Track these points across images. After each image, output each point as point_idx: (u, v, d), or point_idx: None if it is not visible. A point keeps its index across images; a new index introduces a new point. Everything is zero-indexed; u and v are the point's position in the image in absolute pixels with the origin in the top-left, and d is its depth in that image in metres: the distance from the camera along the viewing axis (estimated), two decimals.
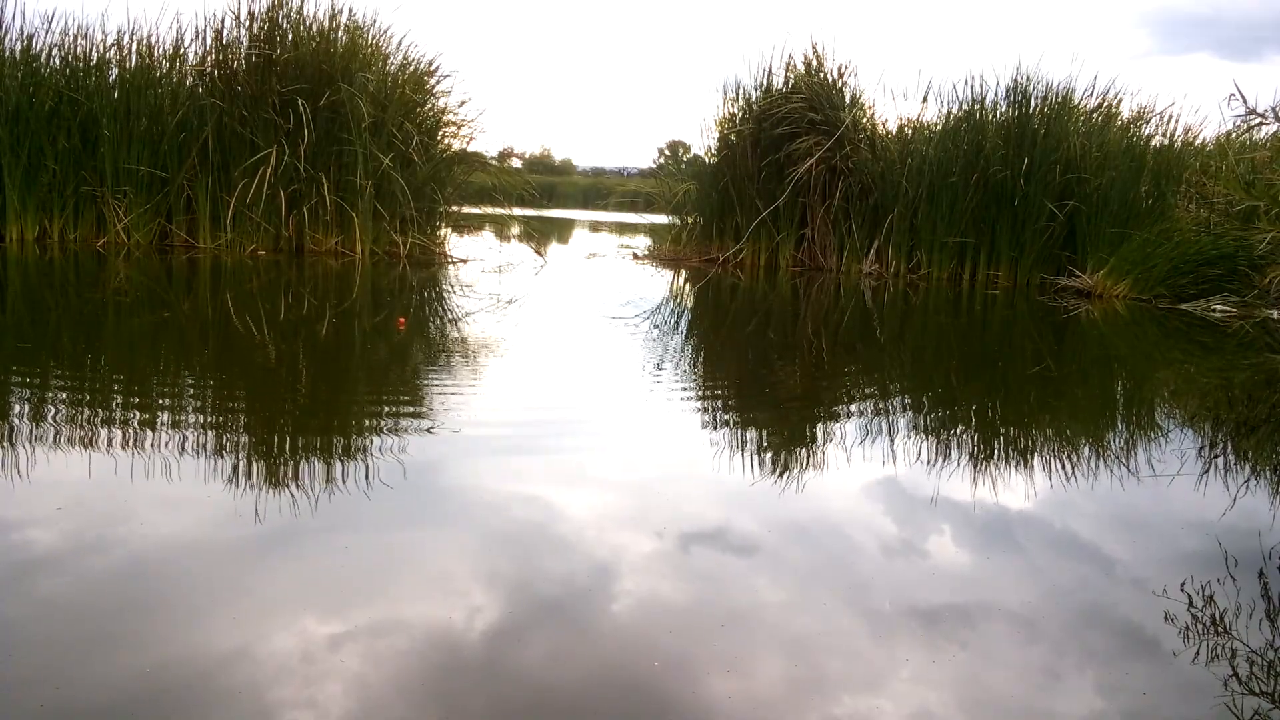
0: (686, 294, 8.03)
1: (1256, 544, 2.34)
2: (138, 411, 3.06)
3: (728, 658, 1.62)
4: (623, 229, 17.85)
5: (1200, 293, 7.54)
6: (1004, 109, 9.16)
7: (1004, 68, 18.64)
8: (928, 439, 3.27)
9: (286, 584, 1.84)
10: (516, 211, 10.71)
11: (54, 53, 7.99)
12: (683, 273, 9.52)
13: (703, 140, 11.06)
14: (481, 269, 8.48)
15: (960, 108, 9.37)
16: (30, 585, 1.76)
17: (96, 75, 8.00)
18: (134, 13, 20.44)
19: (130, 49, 8.10)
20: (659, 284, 8.51)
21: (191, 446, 2.64)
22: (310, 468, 2.54)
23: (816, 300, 7.79)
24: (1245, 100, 5.58)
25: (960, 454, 3.10)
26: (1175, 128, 9.07)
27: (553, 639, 1.66)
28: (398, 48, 8.80)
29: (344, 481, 2.41)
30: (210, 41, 8.18)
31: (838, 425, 3.46)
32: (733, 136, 9.92)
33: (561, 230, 16.93)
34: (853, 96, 9.82)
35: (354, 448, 2.78)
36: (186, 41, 8.27)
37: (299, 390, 3.57)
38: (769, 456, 2.97)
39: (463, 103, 9.32)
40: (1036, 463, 3.09)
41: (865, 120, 9.75)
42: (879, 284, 8.83)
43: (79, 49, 8.00)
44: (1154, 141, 8.96)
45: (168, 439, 2.70)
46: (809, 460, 2.95)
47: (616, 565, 1.99)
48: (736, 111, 10.01)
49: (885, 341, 5.84)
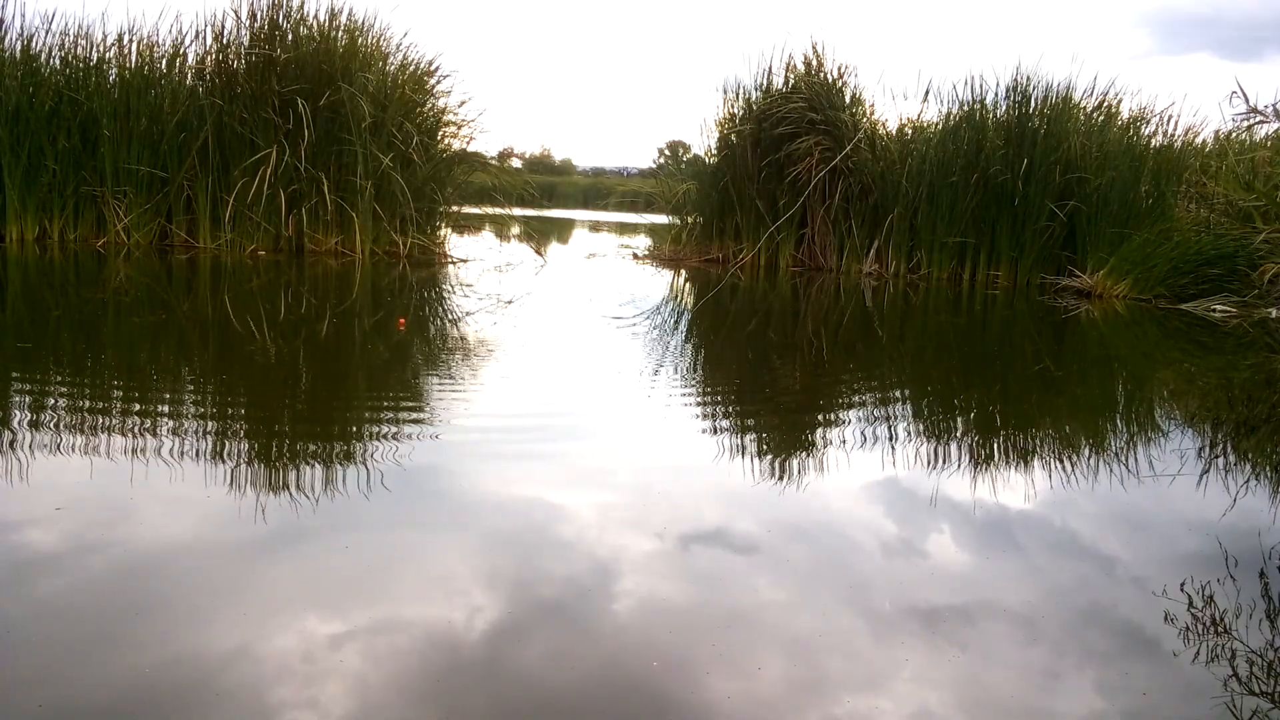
0: (686, 294, 8.04)
1: (1256, 544, 2.34)
2: (138, 412, 3.06)
3: (728, 658, 1.62)
4: (623, 229, 17.85)
5: (1200, 293, 7.54)
6: (1004, 109, 9.16)
7: (1004, 68, 18.62)
8: (928, 439, 3.27)
9: (287, 584, 1.84)
10: (516, 211, 10.71)
11: (54, 53, 8.00)
12: (683, 273, 9.52)
13: (703, 140, 11.08)
14: (481, 269, 8.48)
15: (960, 108, 9.37)
16: (30, 585, 1.76)
17: (96, 75, 8.00)
18: (134, 13, 20.44)
19: (130, 49, 8.11)
20: (659, 284, 8.51)
21: (191, 446, 2.64)
22: (310, 468, 2.54)
23: (816, 300, 7.79)
24: (1246, 98, 5.58)
25: (960, 454, 3.10)
26: (1175, 128, 9.07)
27: (553, 639, 1.66)
28: (398, 48, 8.81)
29: (344, 481, 2.41)
30: (210, 41, 8.20)
31: (838, 425, 3.46)
32: (733, 136, 9.93)
33: (561, 230, 16.93)
34: (853, 96, 9.82)
35: (354, 448, 2.78)
36: (186, 41, 8.29)
37: (299, 390, 3.57)
38: (769, 456, 2.97)
39: (463, 103, 9.34)
40: (1036, 463, 3.09)
41: (865, 120, 9.75)
42: (879, 284, 8.83)
43: (79, 49, 8.01)
44: (1154, 141, 8.96)
45: (167, 439, 2.70)
46: (809, 460, 2.95)
47: (617, 565, 1.99)
48: (736, 111, 10.01)
49: (885, 342, 5.84)
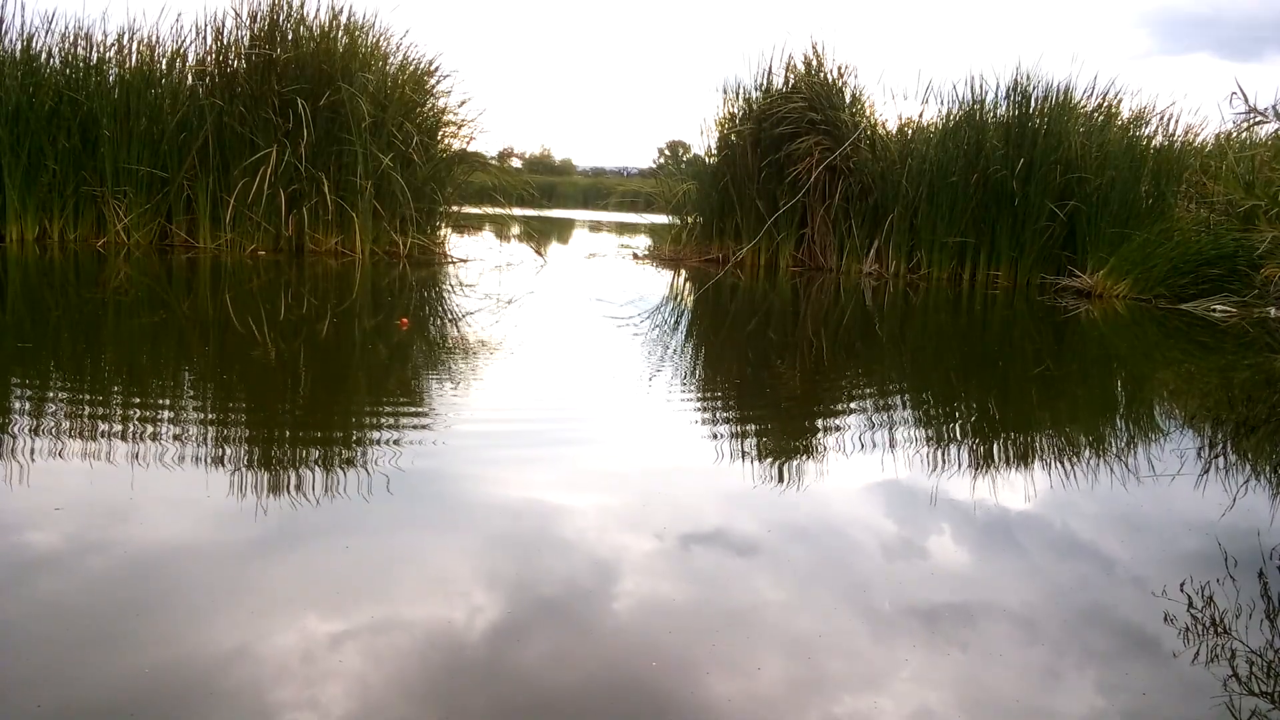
0: (686, 294, 8.03)
1: (1256, 544, 2.34)
2: (138, 412, 3.06)
3: (728, 658, 1.62)
4: (623, 229, 17.84)
5: (1200, 293, 7.54)
6: (1004, 109, 9.16)
7: (1004, 68, 18.62)
8: (928, 439, 3.27)
9: (287, 584, 1.84)
10: (516, 211, 10.71)
11: (54, 53, 8.00)
12: (683, 273, 9.52)
13: (703, 140, 11.04)
14: (481, 269, 8.48)
15: (960, 108, 9.37)
16: (30, 586, 1.76)
17: (96, 75, 8.00)
18: (134, 13, 20.44)
19: (130, 49, 8.10)
20: (659, 284, 8.51)
21: (191, 447, 2.64)
22: (311, 468, 2.54)
23: (816, 300, 7.79)
24: (1246, 98, 5.57)
25: (960, 454, 3.10)
26: (1175, 128, 9.08)
27: (553, 639, 1.66)
28: (397, 48, 8.81)
29: (344, 481, 2.41)
30: (210, 41, 8.19)
31: (838, 426, 3.46)
32: (733, 136, 9.93)
33: (561, 230, 16.93)
34: (853, 96, 9.82)
35: (354, 448, 2.78)
36: (187, 41, 8.29)
37: (299, 391, 3.57)
38: (769, 457, 2.97)
39: (463, 103, 9.33)
40: (1036, 463, 3.09)
41: (865, 120, 9.75)
42: (879, 284, 8.83)
43: (79, 49, 8.01)
44: (1154, 141, 8.96)
45: (168, 440, 2.70)
46: (809, 460, 2.95)
47: (617, 565, 1.99)
48: (736, 111, 10.01)
49: (885, 342, 5.84)
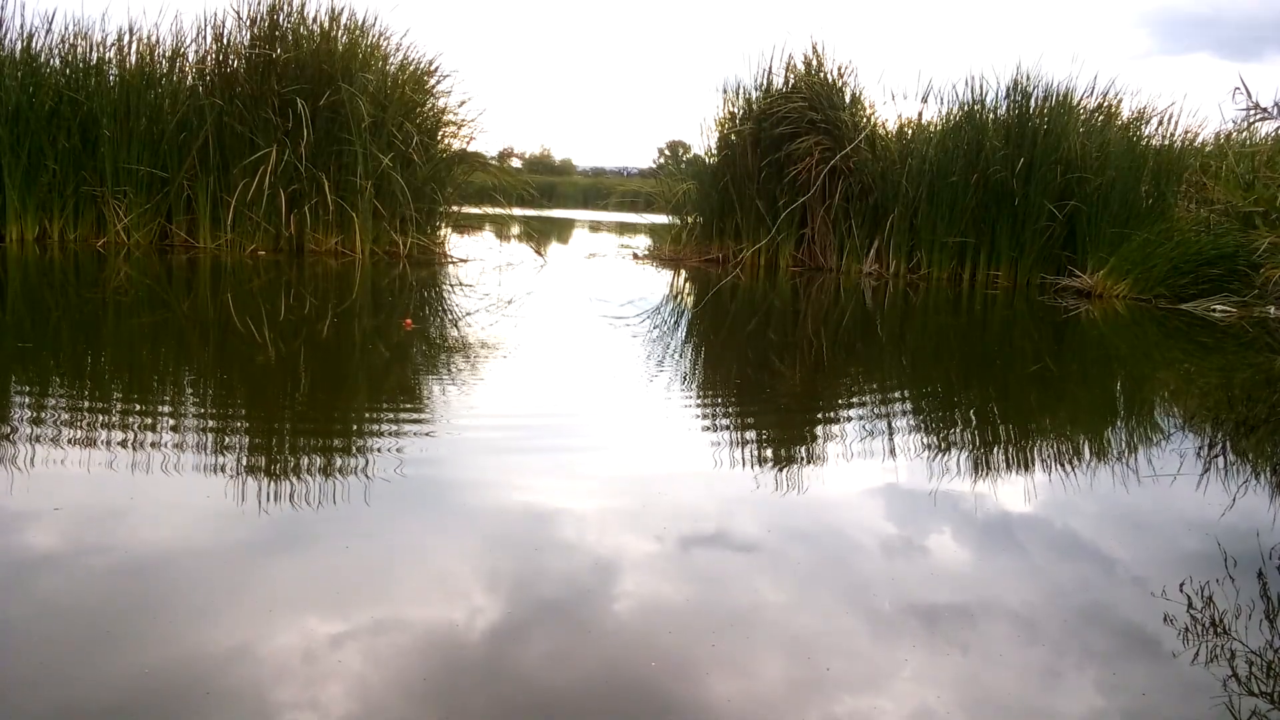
0: (686, 294, 8.03)
1: (1256, 544, 2.34)
2: (138, 412, 3.06)
3: (728, 658, 1.62)
4: (623, 229, 17.84)
5: (1200, 293, 7.54)
6: (1004, 109, 9.16)
7: (1004, 68, 18.61)
8: (928, 439, 3.27)
9: (288, 584, 1.84)
10: (516, 211, 10.71)
11: (54, 53, 8.00)
12: (683, 273, 9.52)
13: (703, 140, 11.05)
14: (481, 269, 8.48)
15: (960, 108, 9.37)
16: (29, 585, 1.76)
17: (96, 75, 8.00)
18: (134, 13, 20.44)
19: (130, 49, 8.10)
20: (659, 284, 8.51)
21: (191, 447, 2.64)
22: (311, 468, 2.54)
23: (816, 300, 7.79)
24: (1249, 94, 5.54)
25: (961, 454, 3.10)
26: (1175, 128, 9.07)
27: (553, 639, 1.66)
28: (397, 48, 8.82)
29: (345, 482, 2.41)
30: (210, 41, 8.20)
31: (838, 425, 3.46)
32: (733, 136, 9.92)
33: (561, 230, 16.93)
34: (853, 96, 9.82)
35: (354, 448, 2.78)
36: (186, 41, 8.29)
37: (299, 391, 3.57)
38: (769, 457, 2.97)
39: (463, 103, 9.33)
40: (1036, 463, 3.09)
41: (865, 120, 9.75)
42: (879, 284, 8.83)
43: (79, 49, 8.01)
44: (1154, 141, 8.96)
45: (167, 440, 2.70)
46: (809, 461, 2.95)
47: (617, 565, 1.99)
48: (736, 111, 10.01)
49: (885, 342, 5.84)
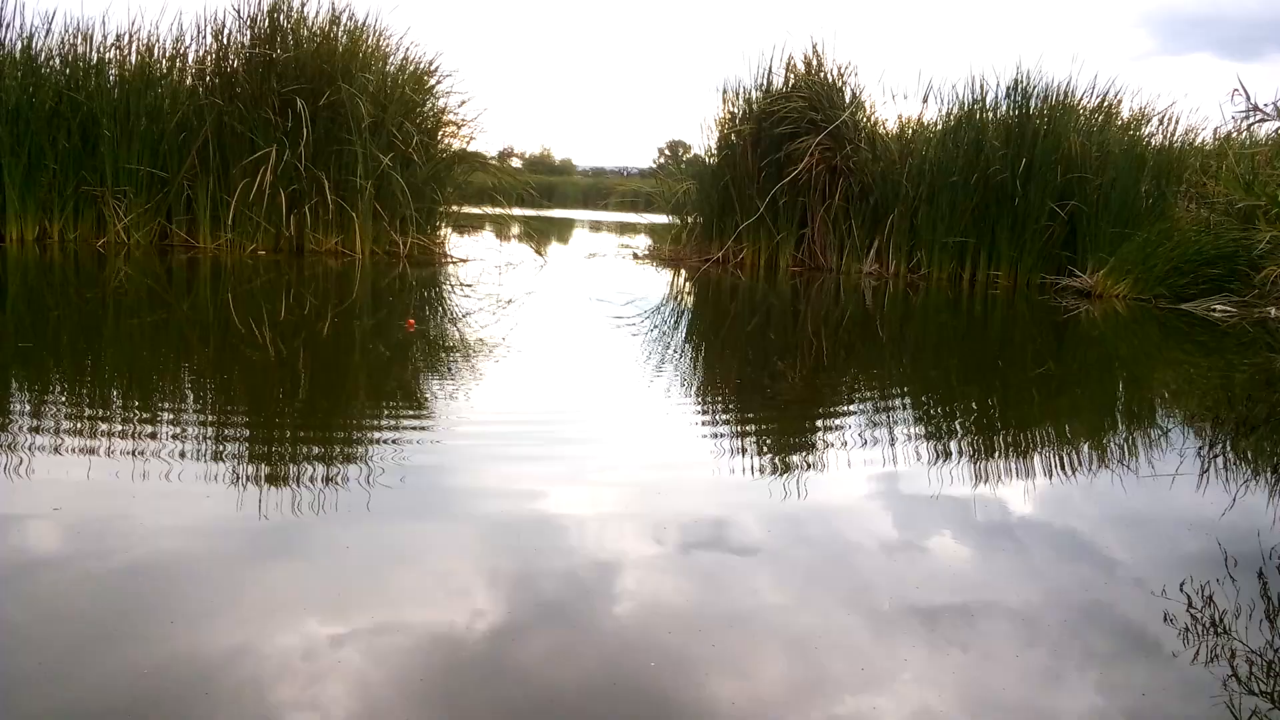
0: (686, 294, 8.03)
1: (1256, 544, 2.34)
2: (138, 412, 3.06)
3: (728, 658, 1.62)
4: (623, 229, 17.84)
5: (1200, 293, 7.54)
6: (1004, 109, 9.16)
7: (1004, 68, 18.65)
8: (928, 439, 3.27)
9: (288, 584, 1.84)
10: (516, 211, 10.71)
11: (54, 53, 7.99)
12: (683, 272, 9.52)
13: (703, 140, 11.07)
14: (482, 269, 8.48)
15: (960, 108, 9.38)
16: (28, 585, 1.76)
17: (96, 75, 8.00)
18: (134, 13, 20.44)
19: (130, 49, 8.11)
20: (659, 284, 8.51)
21: (191, 447, 2.64)
22: (311, 468, 2.54)
23: (816, 300, 7.79)
24: (1248, 95, 5.54)
25: (961, 454, 3.10)
26: (1175, 128, 9.08)
27: (554, 639, 1.66)
28: (398, 48, 8.81)
29: (345, 482, 2.41)
30: (210, 41, 8.20)
31: (838, 425, 3.46)
32: (733, 136, 9.92)
33: (561, 230, 16.93)
34: (853, 96, 9.82)
35: (355, 448, 2.78)
36: (186, 41, 8.29)
37: (300, 391, 3.57)
38: (769, 456, 2.97)
39: (463, 103, 9.33)
40: (1037, 463, 3.09)
41: (865, 120, 9.75)
42: (879, 284, 8.83)
43: (79, 49, 8.01)
44: (1154, 141, 8.96)
45: (167, 440, 2.70)
46: (809, 460, 2.95)
47: (618, 565, 1.99)
48: (736, 111, 10.01)
49: (886, 342, 5.84)
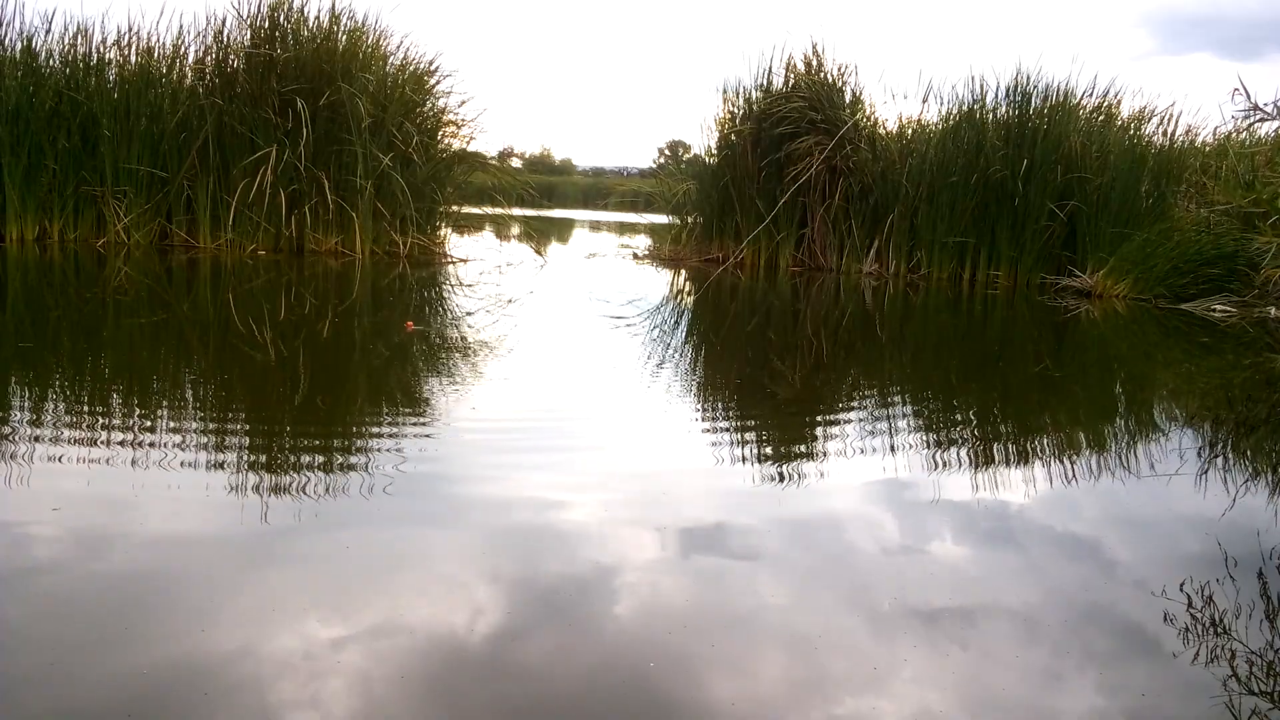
0: (686, 294, 8.04)
1: (1256, 544, 2.34)
2: (137, 412, 3.06)
3: (728, 658, 1.62)
4: (623, 229, 17.85)
5: (1200, 293, 7.54)
6: (1004, 109, 9.16)
7: (1004, 68, 18.66)
8: (929, 439, 3.27)
9: (288, 584, 1.84)
10: (516, 211, 10.71)
11: (54, 52, 8.00)
12: (683, 273, 9.52)
13: (703, 140, 11.05)
14: (482, 269, 8.48)
15: (960, 107, 9.38)
16: (28, 585, 1.76)
17: (96, 75, 8.00)
18: (134, 13, 20.43)
19: (130, 49, 8.11)
20: (659, 284, 8.51)
21: (191, 448, 2.64)
22: (311, 468, 2.54)
23: (816, 300, 7.79)
24: (1248, 95, 5.54)
25: (961, 454, 3.10)
26: (1175, 128, 9.08)
27: (554, 640, 1.66)
28: (398, 48, 8.82)
29: (345, 482, 2.41)
30: (210, 41, 8.20)
31: (838, 425, 3.46)
32: (733, 136, 9.92)
33: (561, 230, 16.93)
34: (853, 96, 9.82)
35: (355, 448, 2.78)
36: (186, 41, 8.29)
37: (300, 391, 3.57)
38: (769, 457, 2.97)
39: (463, 103, 9.34)
40: (1037, 463, 3.09)
41: (865, 120, 9.75)
42: (879, 284, 8.83)
43: (79, 49, 8.01)
44: (1154, 141, 8.96)
45: (167, 440, 2.70)
46: (810, 461, 2.95)
47: (618, 566, 1.99)
48: (737, 111, 10.01)
49: (886, 342, 5.84)
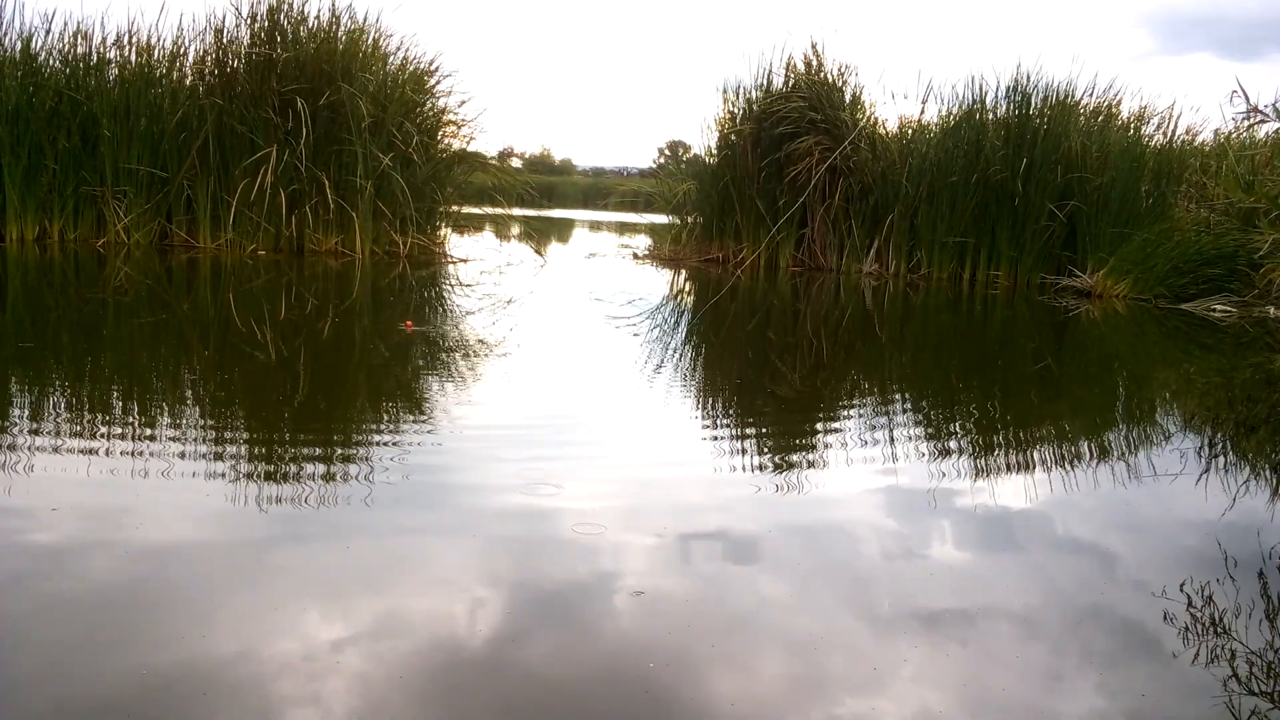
0: (687, 294, 8.03)
1: (1256, 544, 2.34)
2: (137, 412, 3.06)
3: (728, 658, 1.62)
4: (623, 229, 17.84)
5: (1200, 292, 7.54)
6: (1004, 109, 9.16)
7: (1004, 68, 18.65)
8: (929, 439, 3.27)
9: (288, 584, 1.84)
10: (516, 211, 10.71)
11: (54, 52, 7.99)
12: (683, 273, 9.52)
13: (703, 140, 11.05)
14: (482, 269, 8.48)
15: (960, 108, 9.38)
16: (27, 585, 1.76)
17: (96, 75, 8.00)
18: (134, 12, 20.42)
19: (130, 49, 8.10)
20: (659, 284, 8.51)
21: (191, 448, 2.64)
22: (311, 468, 2.54)
23: (816, 300, 7.79)
24: (1247, 97, 5.55)
25: (961, 454, 3.10)
26: (1175, 128, 9.08)
27: (554, 640, 1.66)
28: (398, 48, 8.82)
29: (345, 482, 2.41)
30: (210, 41, 8.20)
31: (839, 426, 3.46)
32: (733, 136, 9.92)
33: (561, 230, 16.93)
34: (853, 96, 9.82)
35: (355, 448, 2.78)
36: (186, 41, 8.28)
37: (300, 391, 3.57)
38: (770, 457, 2.97)
39: (463, 103, 9.34)
40: (1037, 463, 3.09)
41: (865, 120, 9.75)
42: (879, 284, 8.83)
43: (79, 49, 8.01)
44: (1154, 141, 8.96)
45: (167, 440, 2.70)
46: (810, 461, 2.95)
47: (618, 566, 1.99)
48: (737, 111, 10.01)
49: (886, 342, 5.84)
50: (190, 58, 8.30)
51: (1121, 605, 1.94)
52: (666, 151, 20.34)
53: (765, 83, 9.93)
